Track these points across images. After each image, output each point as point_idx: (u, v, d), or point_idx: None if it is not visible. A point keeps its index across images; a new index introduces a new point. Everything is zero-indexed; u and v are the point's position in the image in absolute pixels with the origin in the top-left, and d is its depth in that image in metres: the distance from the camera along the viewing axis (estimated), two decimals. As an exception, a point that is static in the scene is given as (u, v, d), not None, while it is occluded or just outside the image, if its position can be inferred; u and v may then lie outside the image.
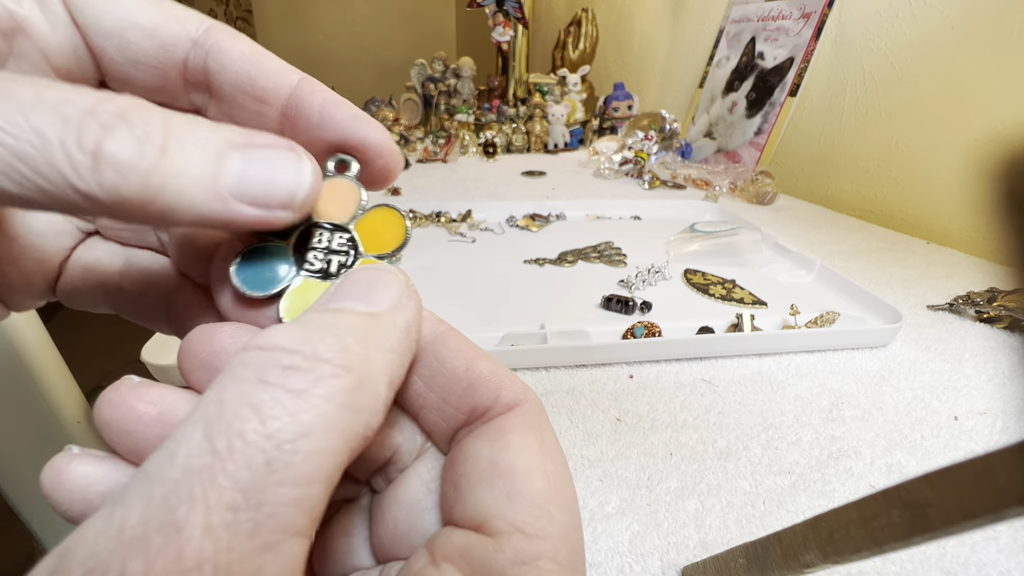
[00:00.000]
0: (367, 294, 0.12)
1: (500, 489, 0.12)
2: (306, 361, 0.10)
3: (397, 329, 0.12)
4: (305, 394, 0.09)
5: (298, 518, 0.09)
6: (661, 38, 1.25)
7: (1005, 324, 0.43)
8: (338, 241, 0.15)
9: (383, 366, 0.11)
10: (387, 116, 1.11)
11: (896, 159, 0.73)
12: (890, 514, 0.12)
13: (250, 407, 0.09)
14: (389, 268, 0.13)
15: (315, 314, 0.11)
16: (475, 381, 0.14)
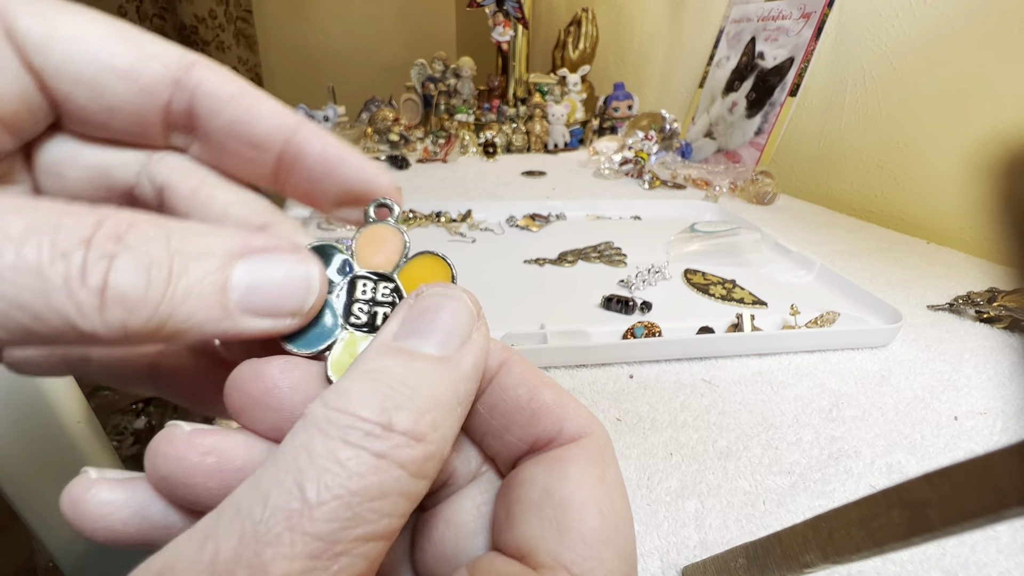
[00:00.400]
0: (436, 329, 0.12)
1: (551, 521, 0.12)
2: (384, 432, 0.10)
3: (465, 378, 0.12)
4: (384, 458, 0.10)
5: (362, 570, 0.09)
6: (661, 38, 1.25)
7: (1005, 324, 0.43)
8: (382, 292, 0.15)
9: (450, 429, 0.11)
10: (387, 116, 1.11)
11: (896, 159, 0.73)
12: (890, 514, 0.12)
13: (338, 463, 0.09)
14: (458, 293, 0.13)
15: (387, 359, 0.11)
16: (538, 411, 0.13)
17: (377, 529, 0.10)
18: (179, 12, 1.60)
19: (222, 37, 1.69)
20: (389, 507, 0.10)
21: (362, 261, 0.15)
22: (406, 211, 0.67)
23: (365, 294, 0.14)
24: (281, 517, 0.09)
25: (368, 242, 0.15)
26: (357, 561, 0.09)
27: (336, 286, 0.14)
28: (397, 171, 0.96)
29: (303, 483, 0.09)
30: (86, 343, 0.10)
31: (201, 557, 0.09)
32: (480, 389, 0.14)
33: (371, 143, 1.09)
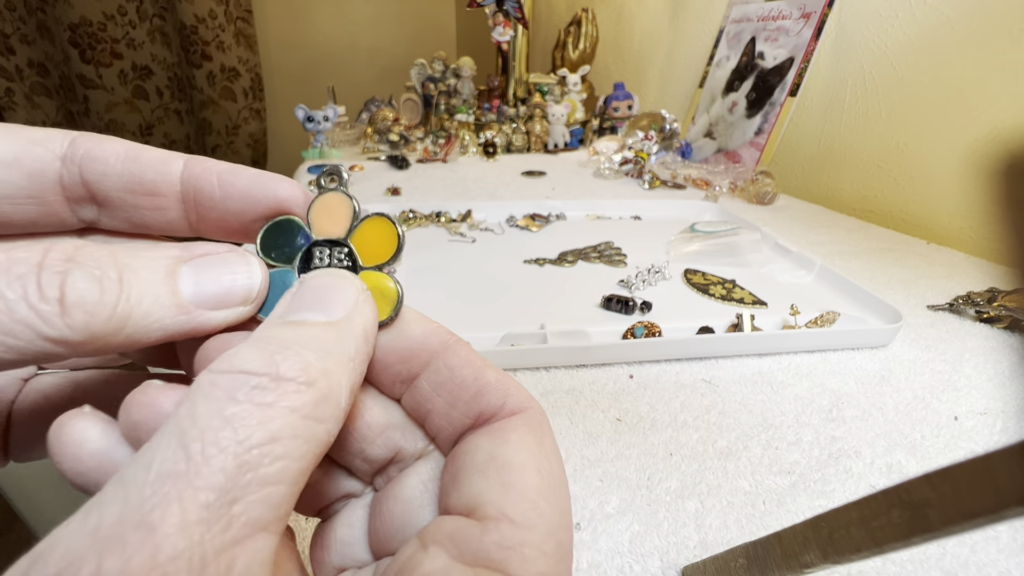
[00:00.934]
0: (323, 303, 0.13)
1: (494, 479, 0.12)
2: (272, 382, 0.10)
3: (355, 337, 0.12)
4: (273, 406, 0.10)
5: (267, 514, 0.10)
6: (661, 38, 1.25)
7: (1005, 324, 0.43)
8: (337, 256, 0.16)
9: (344, 376, 0.12)
10: (387, 116, 1.11)
11: (896, 159, 0.73)
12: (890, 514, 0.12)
13: (222, 419, 0.10)
14: (342, 273, 0.14)
15: (275, 329, 0.12)
16: (483, 388, 0.14)
17: (271, 472, 0.10)
18: (179, 12, 1.60)
19: (222, 37, 1.69)
20: (281, 450, 0.10)
21: (317, 230, 0.16)
22: (406, 211, 0.67)
23: (322, 261, 0.15)
24: (166, 477, 0.09)
25: (321, 211, 0.16)
26: (255, 506, 0.09)
27: (295, 256, 0.15)
28: (397, 171, 0.96)
29: (187, 443, 0.09)
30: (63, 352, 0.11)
31: (84, 528, 0.09)
32: (422, 361, 0.15)
33: (371, 143, 1.09)
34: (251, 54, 1.82)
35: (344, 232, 0.16)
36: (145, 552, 0.08)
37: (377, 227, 0.16)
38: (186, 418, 0.10)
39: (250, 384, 0.10)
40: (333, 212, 0.16)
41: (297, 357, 0.11)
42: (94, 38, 1.49)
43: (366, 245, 0.16)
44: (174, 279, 0.12)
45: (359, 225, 0.16)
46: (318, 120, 1.02)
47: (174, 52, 1.68)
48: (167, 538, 0.08)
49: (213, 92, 1.71)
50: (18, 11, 1.43)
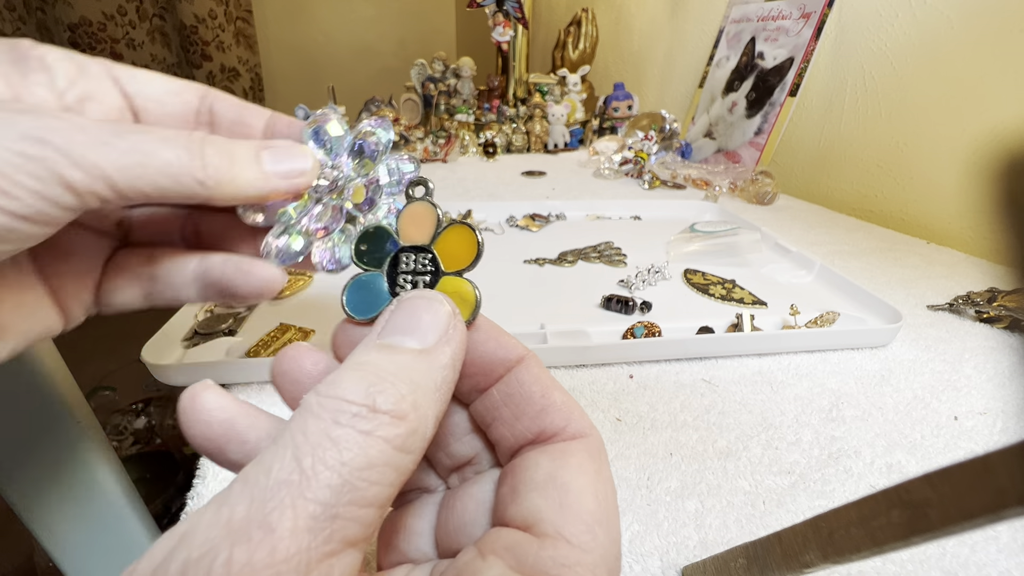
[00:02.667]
0: (416, 327, 0.14)
1: (554, 499, 0.13)
2: (370, 412, 0.12)
3: (443, 367, 0.14)
4: (370, 435, 0.11)
5: (358, 533, 0.11)
6: (661, 38, 1.25)
7: (1005, 324, 0.43)
8: (421, 262, 0.17)
9: (430, 408, 0.13)
10: (387, 116, 1.11)
11: (896, 159, 0.73)
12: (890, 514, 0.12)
13: (329, 439, 0.11)
14: (436, 296, 0.15)
15: (372, 354, 0.13)
16: (548, 407, 0.15)
17: (367, 495, 0.11)
18: (179, 12, 1.60)
19: (222, 37, 1.69)
20: (376, 476, 0.11)
21: (404, 237, 0.17)
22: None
23: (408, 266, 0.17)
24: (283, 484, 0.10)
25: (408, 219, 0.17)
26: (351, 524, 0.11)
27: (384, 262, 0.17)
28: (397, 171, 0.95)
29: (300, 457, 0.11)
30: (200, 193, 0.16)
31: (218, 519, 0.10)
32: (496, 376, 0.16)
33: (371, 143, 1.09)
34: (251, 54, 1.82)
35: (428, 239, 0.17)
36: (265, 549, 0.10)
37: (459, 234, 0.17)
38: (299, 433, 0.11)
39: (351, 412, 0.11)
40: (419, 220, 0.17)
41: (391, 392, 0.12)
42: (94, 38, 1.49)
43: (448, 251, 0.17)
44: (260, 159, 0.17)
45: (442, 232, 0.17)
46: (318, 120, 1.02)
47: (174, 52, 1.68)
48: (282, 540, 0.10)
49: (213, 92, 1.71)
50: (18, 11, 1.43)
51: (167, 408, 1.04)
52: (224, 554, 0.10)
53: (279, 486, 0.10)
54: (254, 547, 0.10)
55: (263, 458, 0.11)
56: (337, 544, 0.11)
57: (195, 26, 1.62)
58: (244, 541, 0.10)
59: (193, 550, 0.10)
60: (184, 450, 0.95)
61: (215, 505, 0.11)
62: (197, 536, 0.10)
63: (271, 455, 0.11)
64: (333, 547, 0.10)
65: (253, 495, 0.10)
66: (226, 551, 0.10)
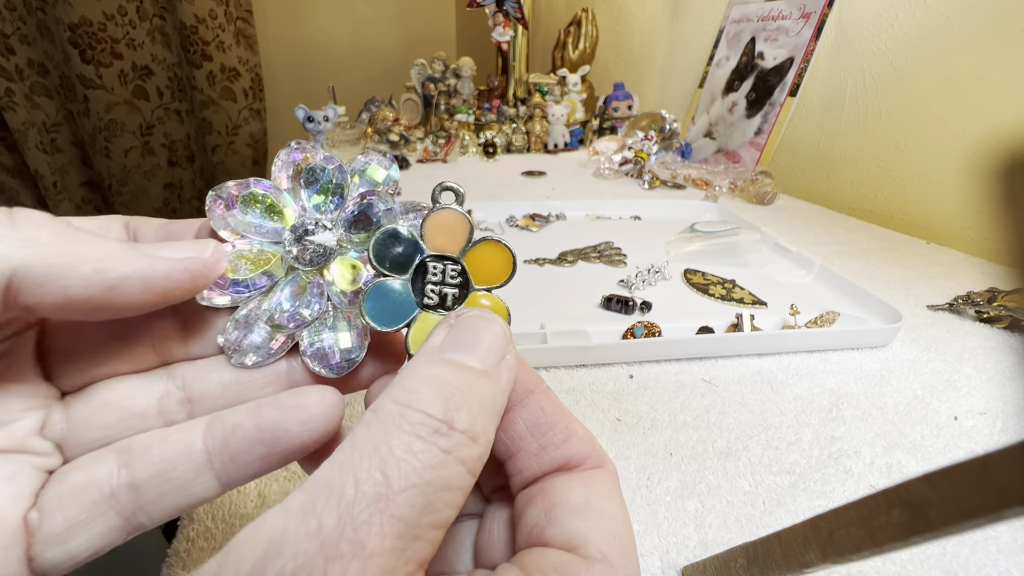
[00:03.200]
0: (478, 347, 0.14)
1: (595, 523, 0.14)
2: (449, 430, 0.12)
3: (502, 392, 0.14)
4: (450, 454, 0.11)
5: (428, 554, 0.11)
6: (661, 38, 1.25)
7: (1005, 324, 0.43)
8: (450, 273, 0.16)
9: (491, 435, 0.13)
10: (387, 116, 1.11)
11: (896, 159, 0.73)
12: (890, 514, 0.12)
13: (413, 455, 0.11)
14: (495, 319, 0.15)
15: (440, 368, 0.13)
16: (571, 437, 0.16)
17: (442, 517, 0.11)
18: (179, 12, 1.60)
19: (222, 37, 1.69)
20: (451, 498, 0.11)
21: (430, 244, 0.16)
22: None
23: (435, 276, 0.16)
24: (371, 500, 0.10)
25: (436, 225, 0.16)
26: (427, 546, 0.11)
27: (409, 268, 0.16)
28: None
29: (387, 471, 0.11)
30: None
31: (307, 528, 0.10)
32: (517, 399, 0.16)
33: (371, 143, 1.09)
34: (251, 54, 1.82)
35: (458, 250, 0.16)
36: (356, 568, 0.10)
37: (492, 251, 0.16)
38: (383, 444, 0.11)
39: (432, 427, 0.12)
40: (448, 229, 0.16)
41: (467, 411, 0.12)
42: (94, 38, 1.49)
43: (479, 267, 0.16)
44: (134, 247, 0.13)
45: (474, 246, 0.16)
46: (318, 120, 1.02)
47: (174, 52, 1.68)
48: (372, 558, 0.10)
49: (213, 92, 1.71)
50: (18, 11, 1.43)
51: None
52: (319, 571, 0.10)
53: (366, 500, 0.10)
54: (346, 564, 0.10)
55: (344, 465, 0.11)
56: (410, 564, 0.11)
57: (195, 26, 1.62)
58: (337, 557, 0.10)
59: (287, 561, 0.10)
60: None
61: (299, 513, 0.10)
62: (288, 546, 0.10)
63: (355, 462, 0.11)
64: (411, 568, 0.10)
65: (341, 506, 0.10)
66: (321, 567, 0.10)
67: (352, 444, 0.11)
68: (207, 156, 1.79)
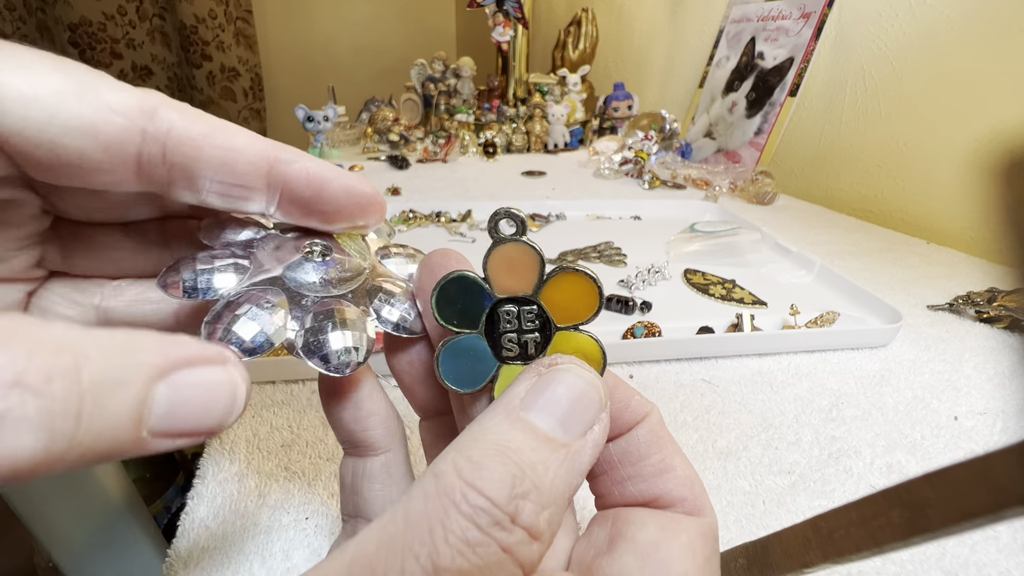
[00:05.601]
0: (561, 410, 0.12)
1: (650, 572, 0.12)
2: (511, 524, 0.10)
3: (580, 473, 0.12)
4: (509, 552, 0.10)
5: None
6: (661, 38, 1.25)
7: (1005, 324, 0.43)
8: (526, 317, 0.14)
9: (559, 526, 0.11)
10: (387, 116, 1.11)
11: (896, 159, 0.73)
12: (890, 514, 0.12)
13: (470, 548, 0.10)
14: (589, 376, 0.13)
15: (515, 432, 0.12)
16: (667, 472, 0.14)
17: None
18: (179, 12, 1.60)
19: (222, 37, 1.69)
20: None
21: (498, 286, 0.14)
22: (406, 211, 0.67)
23: (511, 323, 0.14)
24: None
25: (500, 265, 0.14)
26: None
27: (479, 321, 0.14)
28: (397, 171, 0.96)
29: (438, 562, 0.10)
30: None
31: None
32: (616, 435, 0.14)
33: (371, 143, 1.09)
34: (251, 54, 1.82)
35: (531, 288, 0.14)
36: None
37: (571, 283, 0.14)
38: (438, 527, 0.10)
39: (493, 517, 0.10)
40: (515, 265, 0.14)
41: (535, 500, 0.11)
42: (94, 38, 1.49)
43: (559, 303, 0.14)
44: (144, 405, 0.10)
45: (549, 280, 0.14)
46: (318, 120, 1.02)
47: (174, 52, 1.68)
48: None
49: (213, 92, 1.71)
50: (18, 11, 1.43)
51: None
52: None
53: None
54: None
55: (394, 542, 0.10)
56: None
57: (195, 26, 1.62)
58: None
59: None
60: (184, 450, 0.95)
61: None
62: None
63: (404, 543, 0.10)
64: None
65: None
66: None
67: (405, 518, 0.10)
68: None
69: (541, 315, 0.14)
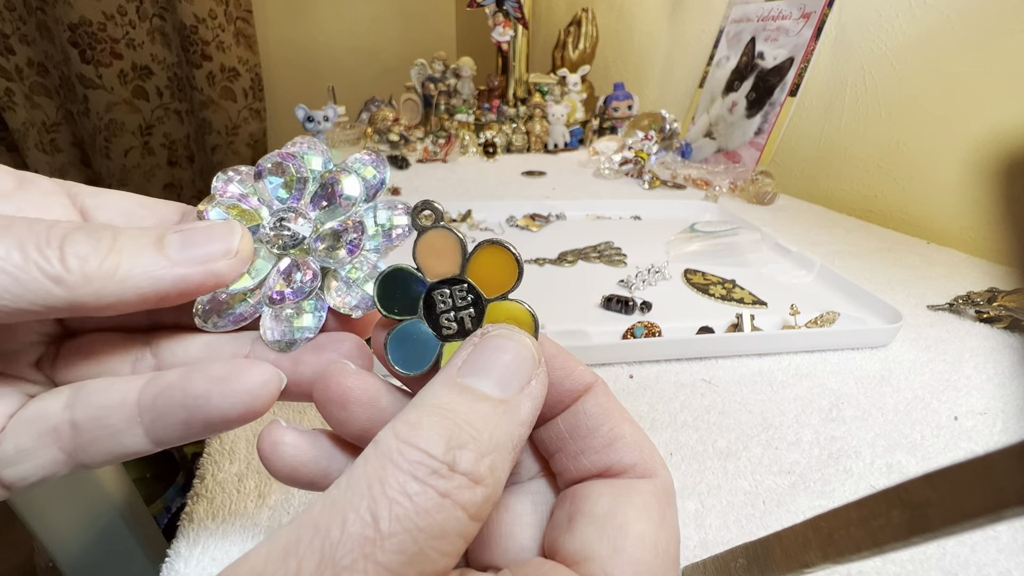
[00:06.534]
0: (497, 370, 0.13)
1: (609, 540, 0.12)
2: (448, 472, 0.11)
3: (521, 423, 0.13)
4: (447, 497, 0.11)
5: None
6: (661, 38, 1.25)
7: (1005, 324, 0.43)
8: (459, 295, 0.15)
9: (504, 472, 0.12)
10: (387, 116, 1.11)
11: (896, 159, 0.73)
12: (890, 514, 0.12)
13: (406, 496, 0.10)
14: (520, 337, 0.14)
15: (452, 395, 0.12)
16: (616, 441, 0.14)
17: (435, 567, 0.10)
18: (179, 12, 1.60)
19: (222, 37, 1.69)
20: (446, 546, 0.10)
21: (428, 272, 0.15)
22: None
23: (446, 303, 0.15)
24: (356, 543, 0.10)
25: (426, 252, 0.15)
26: None
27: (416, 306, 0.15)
28: (397, 171, 0.96)
29: (377, 512, 0.10)
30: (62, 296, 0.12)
31: (286, 571, 0.09)
32: (563, 407, 0.15)
33: (371, 143, 1.09)
34: (251, 54, 1.82)
35: (458, 268, 0.15)
36: None
37: (492, 256, 0.15)
38: (376, 482, 0.10)
39: (431, 467, 0.11)
40: (440, 250, 0.15)
41: (472, 448, 0.11)
42: (94, 38, 1.49)
43: (484, 276, 0.15)
44: (164, 244, 0.13)
45: (471, 258, 0.15)
46: (318, 120, 1.02)
47: (174, 52, 1.68)
48: None
49: (213, 92, 1.71)
50: (18, 11, 1.43)
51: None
52: None
53: (352, 543, 0.10)
54: None
55: (335, 502, 0.10)
56: None
57: (195, 26, 1.62)
58: None
59: None
60: (184, 450, 0.95)
61: (280, 553, 0.10)
62: None
63: (344, 501, 0.10)
64: None
65: (324, 550, 0.10)
66: None
67: (347, 480, 0.11)
68: (207, 156, 1.79)
69: (471, 291, 0.15)
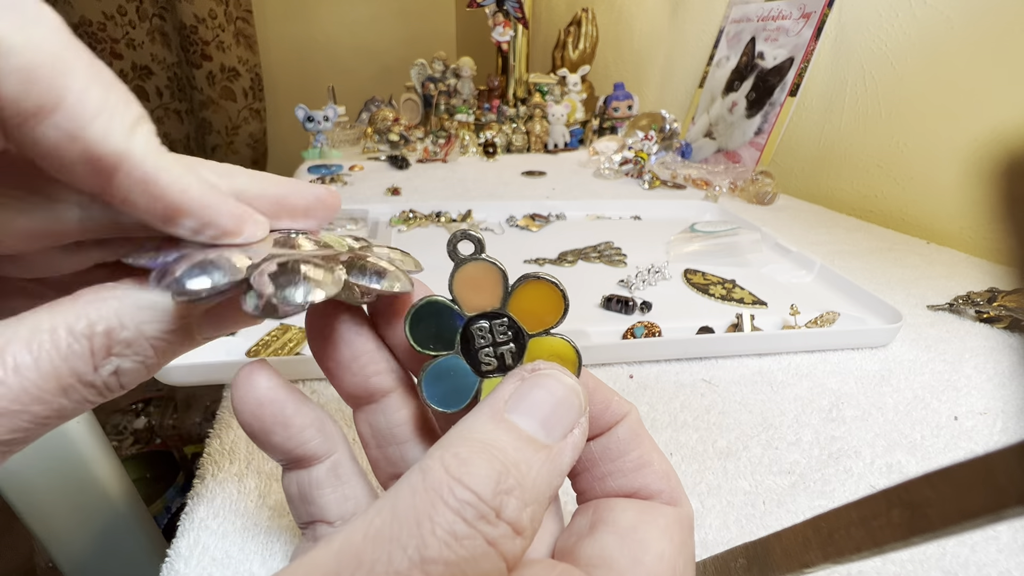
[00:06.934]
0: (543, 413, 0.13)
1: (629, 551, 0.13)
2: (496, 519, 0.11)
3: (560, 474, 0.13)
4: (494, 546, 0.11)
5: None
6: (661, 38, 1.25)
7: (1005, 324, 0.43)
8: (498, 330, 0.15)
9: (540, 524, 0.12)
10: (387, 116, 1.11)
11: (896, 159, 0.73)
12: (890, 514, 0.12)
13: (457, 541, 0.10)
14: (571, 384, 0.13)
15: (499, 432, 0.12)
16: (644, 467, 0.15)
17: None
18: (179, 12, 1.60)
19: (222, 37, 1.69)
20: None
21: (466, 305, 0.15)
22: (406, 211, 0.67)
23: (485, 339, 0.15)
24: None
25: (465, 285, 0.14)
26: None
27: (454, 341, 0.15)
28: (397, 171, 0.96)
29: (425, 553, 0.10)
30: None
31: None
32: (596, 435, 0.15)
33: (371, 143, 1.09)
34: (251, 54, 1.82)
35: (498, 301, 0.15)
36: None
37: (536, 291, 0.14)
38: (426, 520, 0.10)
39: (479, 511, 0.10)
40: (479, 284, 0.14)
41: (518, 497, 0.11)
42: (94, 38, 1.49)
43: (527, 311, 0.15)
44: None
45: (514, 291, 0.14)
46: (318, 120, 1.02)
47: (174, 52, 1.68)
48: None
49: (213, 92, 1.71)
50: (18, 11, 1.43)
51: (167, 408, 1.04)
52: None
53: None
54: None
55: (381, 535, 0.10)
56: None
57: (195, 26, 1.62)
58: None
59: None
60: (184, 450, 0.95)
61: None
62: None
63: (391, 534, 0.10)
64: None
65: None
66: None
67: (392, 510, 0.10)
68: (207, 156, 1.79)
69: (512, 326, 0.15)
